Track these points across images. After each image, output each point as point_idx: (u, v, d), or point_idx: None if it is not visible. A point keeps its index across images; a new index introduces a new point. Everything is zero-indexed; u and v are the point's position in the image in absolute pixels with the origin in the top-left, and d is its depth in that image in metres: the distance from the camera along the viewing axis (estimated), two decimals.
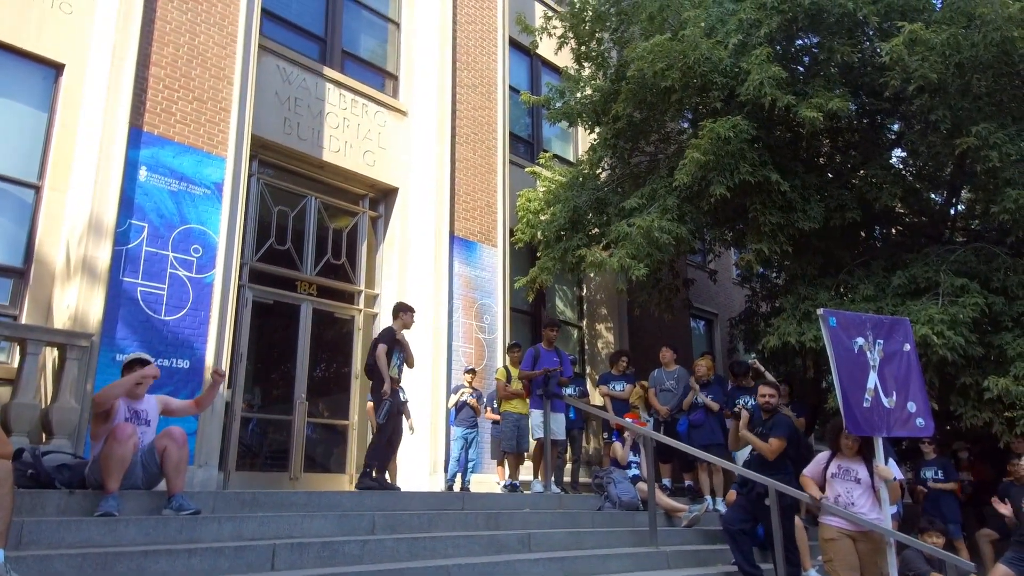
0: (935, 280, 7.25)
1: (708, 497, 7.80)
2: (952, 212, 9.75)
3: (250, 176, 8.73)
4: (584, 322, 13.27)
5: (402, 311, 7.34)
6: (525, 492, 7.35)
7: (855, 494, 4.66)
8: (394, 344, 6.96)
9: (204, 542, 4.18)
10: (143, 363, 4.97)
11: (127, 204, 6.99)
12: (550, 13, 9.34)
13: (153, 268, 7.11)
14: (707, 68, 7.20)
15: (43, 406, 5.80)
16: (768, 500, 5.03)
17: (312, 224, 9.41)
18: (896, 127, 8.69)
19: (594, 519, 6.25)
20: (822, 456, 4.95)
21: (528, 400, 7.74)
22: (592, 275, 12.93)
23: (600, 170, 10.60)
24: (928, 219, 9.54)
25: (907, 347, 4.68)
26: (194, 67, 7.80)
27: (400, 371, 7.10)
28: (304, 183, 9.50)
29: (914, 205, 9.09)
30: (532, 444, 7.92)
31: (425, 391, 8.99)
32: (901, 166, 9.02)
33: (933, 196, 9.77)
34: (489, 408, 8.72)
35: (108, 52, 7.00)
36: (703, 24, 7.23)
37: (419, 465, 8.74)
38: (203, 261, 7.49)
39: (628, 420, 7.70)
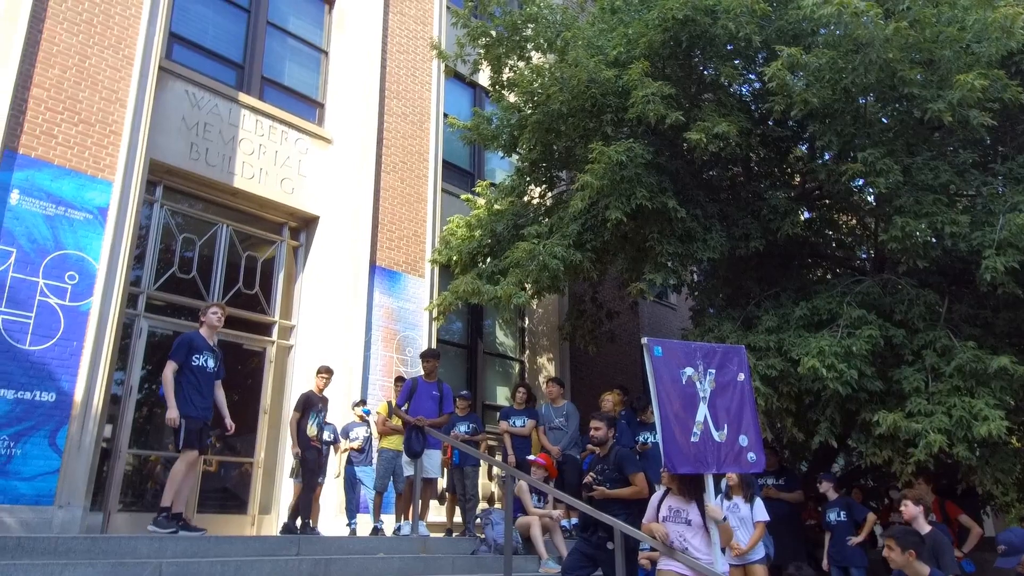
0: (837, 312, 6.93)
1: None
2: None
3: (151, 203, 8.55)
4: (526, 355, 12.92)
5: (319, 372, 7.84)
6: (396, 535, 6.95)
7: (688, 536, 4.29)
8: (308, 408, 7.40)
9: None
10: None
11: None
12: (464, 40, 9.20)
13: (20, 295, 6.84)
14: (596, 90, 7.00)
15: None
16: (611, 544, 4.65)
17: (222, 252, 9.17)
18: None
19: (456, 564, 5.82)
20: (655, 498, 4.57)
21: None
22: (535, 307, 12.67)
23: (529, 198, 10.39)
24: (853, 251, 9.24)
25: (741, 377, 4.35)
26: (82, 89, 7.65)
27: (321, 428, 7.56)
28: (216, 211, 9.29)
29: (830, 235, 8.80)
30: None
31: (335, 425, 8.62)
32: (815, 197, 8.73)
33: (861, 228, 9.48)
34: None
35: None
36: (580, 44, 7.05)
37: (327, 508, 8.32)
38: (79, 289, 7.23)
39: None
